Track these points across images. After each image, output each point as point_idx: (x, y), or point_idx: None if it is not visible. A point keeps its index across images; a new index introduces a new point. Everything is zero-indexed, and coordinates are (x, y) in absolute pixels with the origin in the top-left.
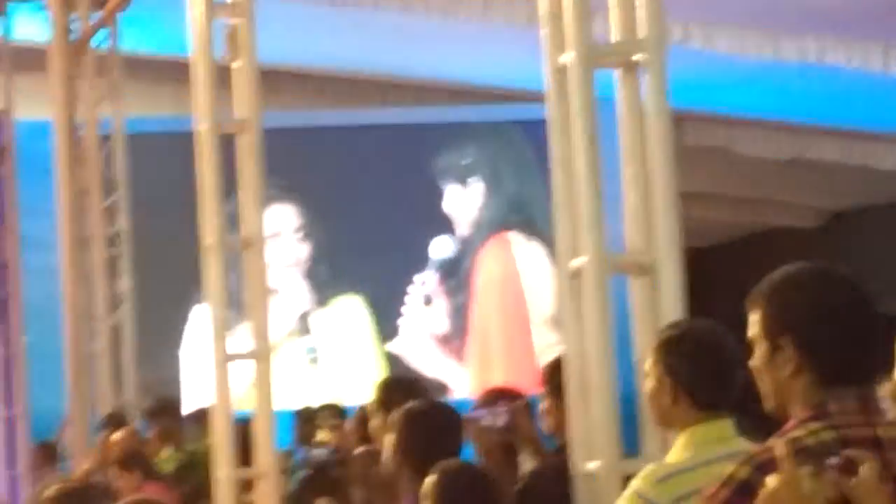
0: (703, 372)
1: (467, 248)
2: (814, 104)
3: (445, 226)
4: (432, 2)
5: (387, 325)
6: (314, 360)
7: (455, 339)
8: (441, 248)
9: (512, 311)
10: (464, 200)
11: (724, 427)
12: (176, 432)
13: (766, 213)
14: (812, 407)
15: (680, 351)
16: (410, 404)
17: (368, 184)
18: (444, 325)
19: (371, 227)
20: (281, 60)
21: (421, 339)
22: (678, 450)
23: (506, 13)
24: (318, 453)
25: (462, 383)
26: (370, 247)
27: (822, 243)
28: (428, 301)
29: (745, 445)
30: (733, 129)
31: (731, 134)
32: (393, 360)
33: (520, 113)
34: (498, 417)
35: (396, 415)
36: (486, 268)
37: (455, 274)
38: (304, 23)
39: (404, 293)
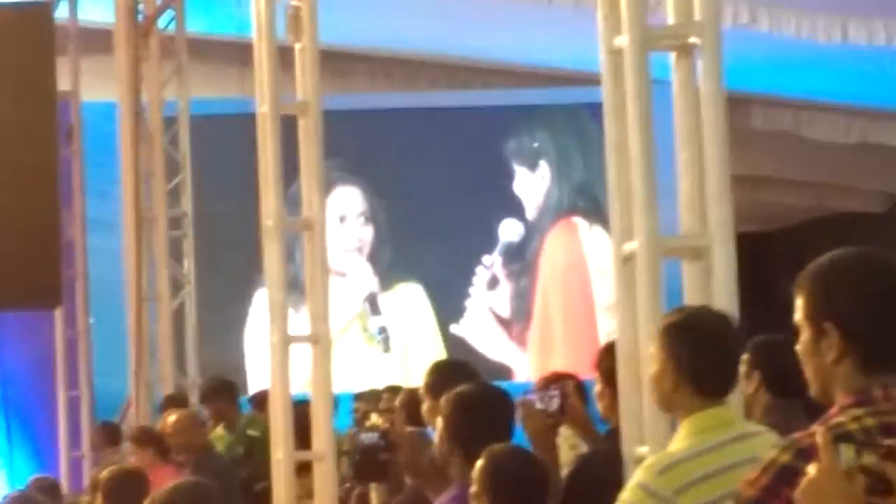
0: (704, 359)
1: (534, 232)
2: (881, 88)
3: (512, 210)
4: None
5: (452, 308)
6: (386, 340)
7: (518, 324)
8: (509, 231)
9: (576, 296)
10: (532, 184)
11: (724, 413)
12: (230, 413)
13: (833, 198)
14: (855, 393)
15: (683, 337)
16: (460, 388)
17: (435, 167)
18: (507, 308)
19: (437, 211)
20: (348, 42)
21: (485, 322)
22: (680, 438)
23: None
24: (367, 437)
25: (524, 368)
26: (435, 231)
27: (888, 228)
28: (493, 283)
29: (748, 428)
30: (800, 113)
31: (798, 117)
32: (456, 342)
33: (587, 96)
34: (551, 400)
35: (445, 398)
36: (552, 253)
37: (521, 257)
38: (370, 4)
39: (471, 276)
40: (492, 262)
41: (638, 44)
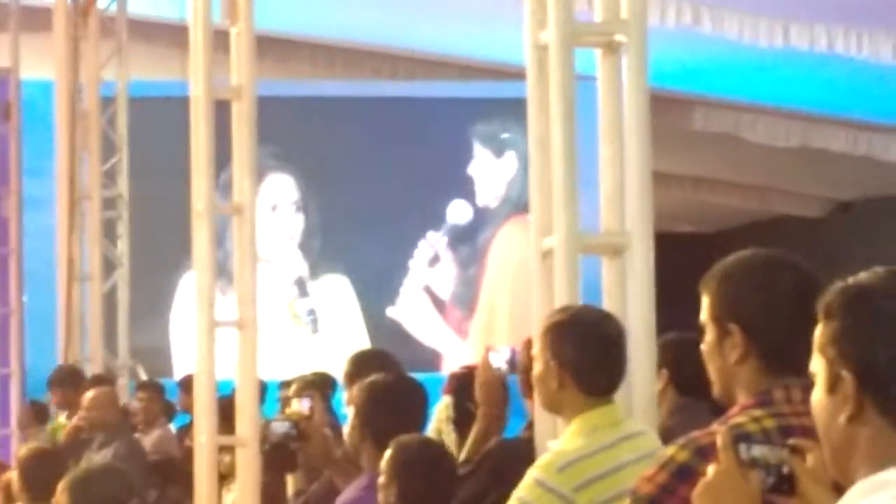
0: (589, 358)
1: (487, 219)
2: (822, 93)
3: (463, 193)
4: None
5: (389, 291)
6: (314, 322)
7: (461, 311)
8: (457, 212)
9: (525, 295)
10: (494, 170)
11: (613, 411)
12: (75, 401)
13: (773, 201)
14: (756, 394)
15: (567, 336)
16: (372, 377)
17: (377, 156)
18: (448, 291)
19: (377, 199)
20: (291, 29)
21: (421, 303)
22: (570, 436)
23: None
24: (278, 426)
25: (459, 357)
26: (374, 218)
27: (827, 233)
28: (434, 261)
29: (636, 427)
30: (742, 116)
31: (740, 120)
32: (390, 327)
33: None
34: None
35: (358, 387)
36: (505, 245)
37: (470, 242)
38: None
39: (405, 266)
40: (436, 241)
41: (563, 40)
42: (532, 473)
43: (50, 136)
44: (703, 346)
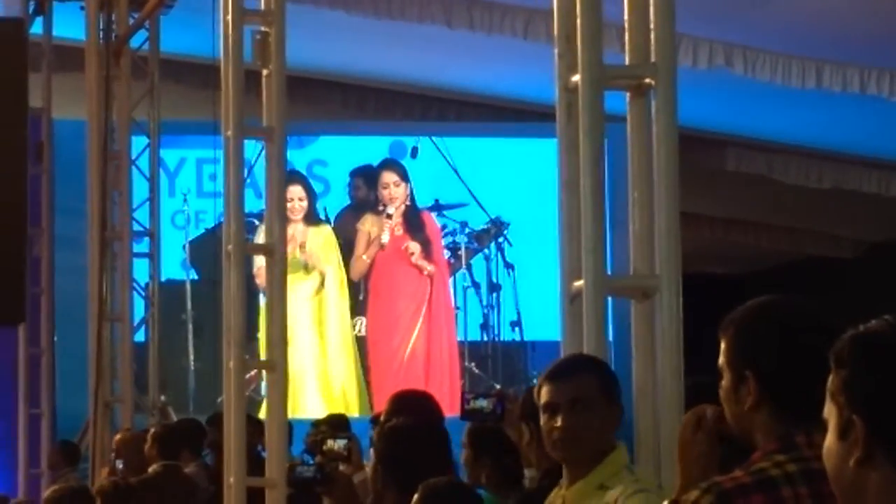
0: None
1: None
2: (855, 134)
3: None
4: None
5: None
6: None
7: None
8: None
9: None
10: None
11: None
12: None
13: (804, 242)
14: (777, 438)
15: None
16: (392, 423)
17: None
18: None
19: None
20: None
21: None
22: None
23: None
24: (303, 470)
25: None
26: None
27: (858, 274)
28: None
29: None
30: (774, 156)
31: (772, 161)
32: None
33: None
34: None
35: (378, 432)
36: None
37: None
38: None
39: None
40: None
41: (592, 82)
42: None
43: (81, 175)
44: (721, 391)
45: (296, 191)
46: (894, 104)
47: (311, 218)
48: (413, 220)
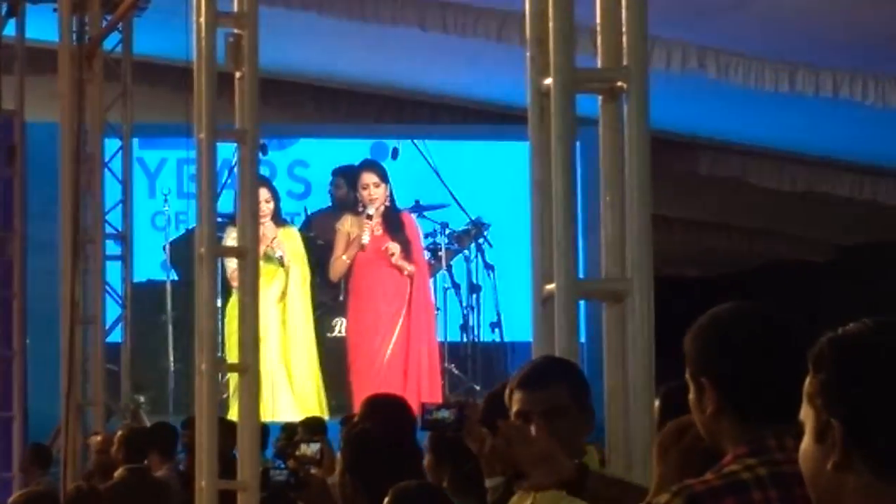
0: None
1: None
2: (828, 138)
3: None
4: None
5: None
6: None
7: None
8: None
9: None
10: None
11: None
12: None
13: (777, 245)
14: (747, 442)
15: None
16: (358, 428)
17: None
18: None
19: None
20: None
21: None
22: None
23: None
24: (277, 474)
25: None
26: None
27: (831, 277)
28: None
29: None
30: (748, 160)
31: (746, 164)
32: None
33: None
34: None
35: (344, 437)
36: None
37: None
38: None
39: None
40: None
41: (564, 86)
42: None
43: (54, 178)
44: (690, 401)
45: (262, 193)
46: (867, 108)
47: (278, 219)
48: (393, 221)
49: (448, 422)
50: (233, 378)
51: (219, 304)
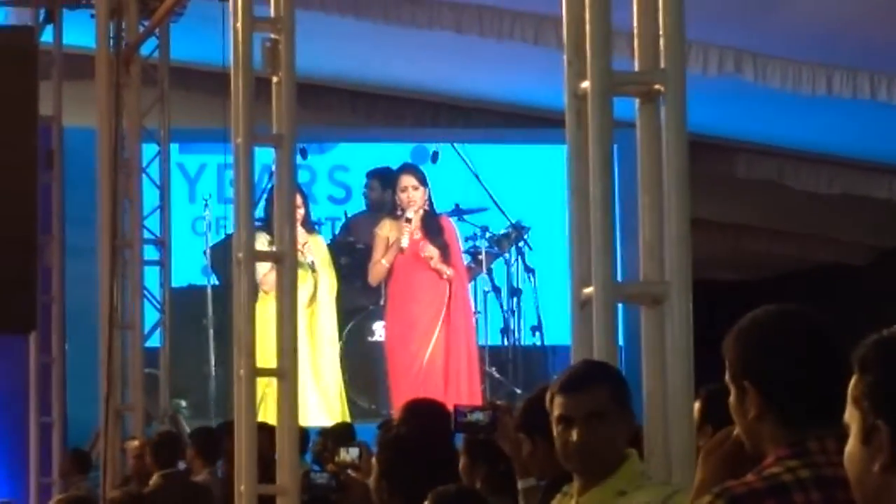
0: None
1: None
2: (865, 140)
3: None
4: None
5: None
6: None
7: None
8: None
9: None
10: None
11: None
12: None
13: (814, 249)
14: (789, 444)
15: None
16: (394, 433)
17: None
18: None
19: None
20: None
21: None
22: None
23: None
24: (319, 477)
25: None
26: None
27: (869, 280)
28: None
29: None
30: (784, 163)
31: (783, 167)
32: None
33: None
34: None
35: (379, 444)
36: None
37: None
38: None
39: None
40: None
41: (601, 89)
42: None
43: (92, 184)
44: (730, 405)
45: None
46: None
47: (307, 225)
48: (431, 225)
49: (481, 424)
50: (261, 383)
51: None
